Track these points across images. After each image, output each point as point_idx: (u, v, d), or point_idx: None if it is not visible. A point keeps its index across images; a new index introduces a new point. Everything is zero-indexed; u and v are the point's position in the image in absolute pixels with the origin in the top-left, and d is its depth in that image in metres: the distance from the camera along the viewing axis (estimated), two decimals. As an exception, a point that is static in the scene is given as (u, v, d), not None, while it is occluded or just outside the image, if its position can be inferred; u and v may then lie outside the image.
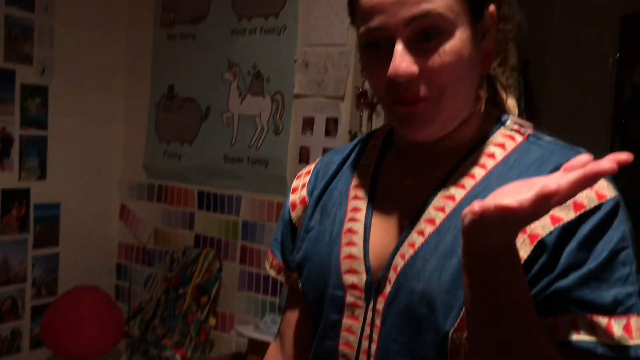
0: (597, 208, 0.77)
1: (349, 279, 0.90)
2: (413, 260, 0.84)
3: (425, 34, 0.80)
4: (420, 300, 0.82)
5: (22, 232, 2.71)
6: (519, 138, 0.88)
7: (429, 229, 0.85)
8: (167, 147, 2.91)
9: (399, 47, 0.80)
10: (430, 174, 0.89)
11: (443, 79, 0.81)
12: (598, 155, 0.62)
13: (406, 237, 0.87)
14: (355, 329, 0.89)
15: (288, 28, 2.46)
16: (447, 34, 0.80)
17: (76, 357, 2.59)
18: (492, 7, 0.86)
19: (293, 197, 1.07)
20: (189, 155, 2.82)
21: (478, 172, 0.86)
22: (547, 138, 0.87)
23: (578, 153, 0.83)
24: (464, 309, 0.76)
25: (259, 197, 2.58)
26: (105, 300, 2.71)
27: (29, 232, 2.74)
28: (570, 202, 0.76)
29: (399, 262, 0.85)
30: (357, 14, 0.86)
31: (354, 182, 0.98)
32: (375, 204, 0.94)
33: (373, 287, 0.88)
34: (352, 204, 0.96)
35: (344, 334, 0.90)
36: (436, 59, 0.80)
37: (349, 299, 0.90)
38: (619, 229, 0.77)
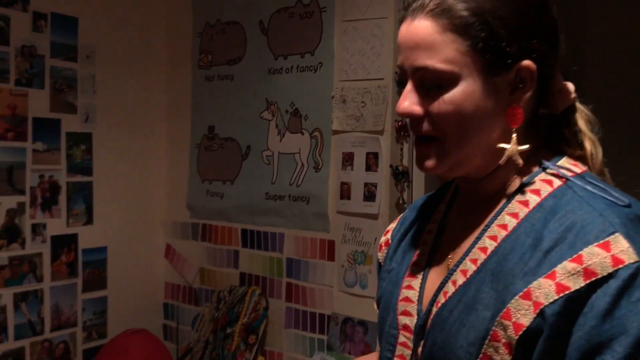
0: (611, 276, 0.69)
1: (402, 320, 0.94)
2: (441, 310, 0.86)
3: (427, 84, 0.84)
4: (439, 351, 0.84)
5: (71, 277, 2.76)
6: (557, 182, 0.84)
7: (460, 280, 0.86)
8: (209, 187, 2.94)
9: (408, 87, 0.87)
10: (473, 222, 0.91)
11: (443, 125, 0.84)
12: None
13: (444, 284, 0.89)
14: None
15: (324, 65, 2.47)
16: (447, 86, 0.82)
17: (128, 400, 2.61)
18: (527, 62, 0.82)
19: (383, 239, 1.15)
20: (230, 194, 2.84)
21: (510, 223, 0.84)
22: (581, 184, 0.82)
23: (614, 206, 0.77)
24: None
25: (302, 234, 2.57)
26: (154, 342, 2.73)
27: (78, 277, 2.78)
28: (581, 268, 0.71)
29: (434, 310, 0.88)
30: None
31: (427, 227, 1.02)
32: (437, 250, 0.97)
33: (419, 331, 0.90)
34: (419, 249, 1.00)
35: None
36: (435, 107, 0.84)
37: (401, 339, 0.93)
38: None
